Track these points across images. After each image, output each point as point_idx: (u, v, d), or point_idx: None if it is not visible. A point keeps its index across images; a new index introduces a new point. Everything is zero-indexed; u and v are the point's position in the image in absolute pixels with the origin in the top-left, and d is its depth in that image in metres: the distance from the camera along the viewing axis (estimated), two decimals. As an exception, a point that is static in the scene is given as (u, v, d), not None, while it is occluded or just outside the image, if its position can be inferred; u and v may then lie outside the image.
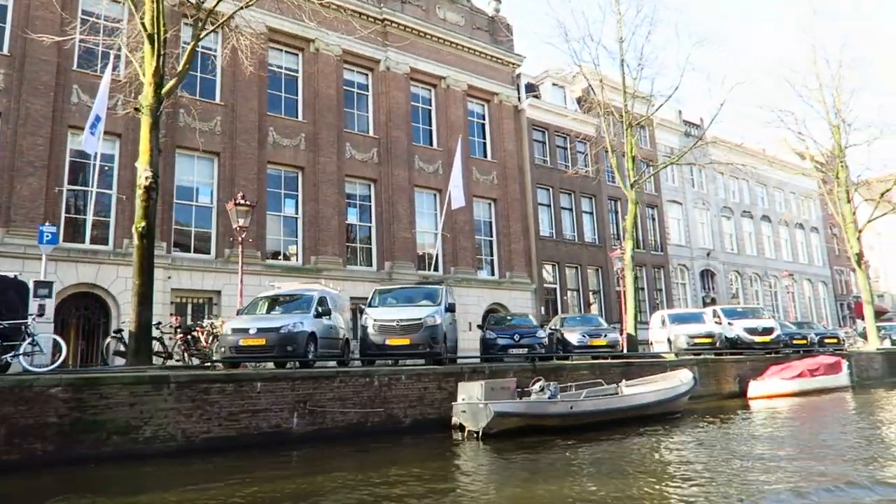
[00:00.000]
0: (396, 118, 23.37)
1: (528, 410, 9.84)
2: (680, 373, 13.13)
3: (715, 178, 36.49)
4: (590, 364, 13.85)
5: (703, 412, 13.76)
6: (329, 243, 20.92)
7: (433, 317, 11.56)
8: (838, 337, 23.13)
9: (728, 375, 17.11)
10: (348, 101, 22.98)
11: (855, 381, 21.62)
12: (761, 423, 12.42)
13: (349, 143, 22.27)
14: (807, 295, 41.42)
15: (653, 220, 32.23)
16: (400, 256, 22.34)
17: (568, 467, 7.92)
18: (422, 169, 23.85)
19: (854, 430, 11.40)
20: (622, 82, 21.43)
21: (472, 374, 11.51)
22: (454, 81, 25.44)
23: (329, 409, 9.78)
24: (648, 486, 6.74)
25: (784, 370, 17.31)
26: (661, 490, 6.57)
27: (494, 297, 24.60)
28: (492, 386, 9.83)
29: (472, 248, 24.54)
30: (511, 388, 10.28)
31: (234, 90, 20.01)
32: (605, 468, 7.82)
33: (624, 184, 20.96)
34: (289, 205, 21.04)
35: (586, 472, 7.64)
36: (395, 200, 22.72)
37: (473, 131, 26.49)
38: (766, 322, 19.27)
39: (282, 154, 20.73)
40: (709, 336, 17.73)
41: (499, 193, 26.12)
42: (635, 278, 19.30)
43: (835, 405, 15.67)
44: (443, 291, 12.83)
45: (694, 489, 6.61)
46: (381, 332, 11.44)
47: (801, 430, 11.57)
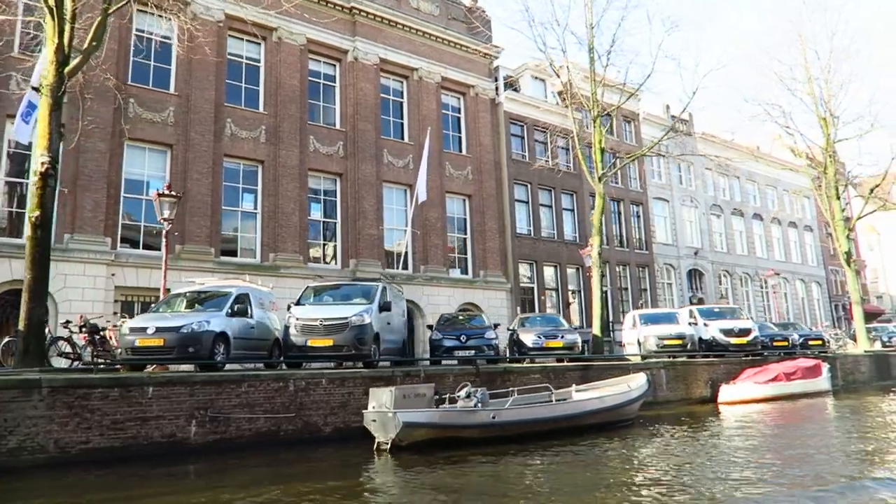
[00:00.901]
0: (364, 110, 22.52)
1: (441, 420, 8.94)
2: (634, 377, 12.22)
3: (704, 175, 35.56)
4: (542, 368, 12.97)
5: (663, 419, 12.86)
6: (289, 240, 20.08)
7: (361, 315, 10.69)
8: (823, 339, 22.15)
9: (699, 379, 16.18)
10: (313, 93, 22.15)
11: (839, 385, 20.67)
12: (720, 431, 11.51)
13: (313, 136, 21.43)
14: (800, 295, 40.39)
15: (637, 218, 31.30)
16: (366, 254, 21.49)
17: (479, 487, 7.05)
18: (391, 163, 22.99)
19: (818, 439, 10.49)
20: (590, 69, 20.48)
21: (405, 379, 10.65)
22: (427, 73, 24.58)
23: (234, 416, 8.93)
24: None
25: (759, 374, 16.37)
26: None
27: (467, 297, 23.73)
28: (404, 392, 8.93)
29: (443, 246, 23.68)
30: (428, 395, 9.38)
31: (189, 80, 19.19)
32: (516, 489, 6.93)
33: (591, 176, 20.04)
34: (247, 200, 20.20)
35: (495, 494, 6.76)
36: (362, 196, 21.87)
37: (448, 125, 25.62)
38: (742, 323, 18.32)
39: (240, 147, 19.90)
40: (679, 337, 16.79)
41: (473, 189, 25.24)
42: (602, 276, 18.36)
43: (809, 411, 14.74)
44: (378, 289, 11.92)
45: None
46: (304, 332, 10.57)
47: (762, 439, 10.65)
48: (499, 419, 9.21)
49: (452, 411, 9.22)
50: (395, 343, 12.86)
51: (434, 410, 9.02)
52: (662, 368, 15.29)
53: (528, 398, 10.66)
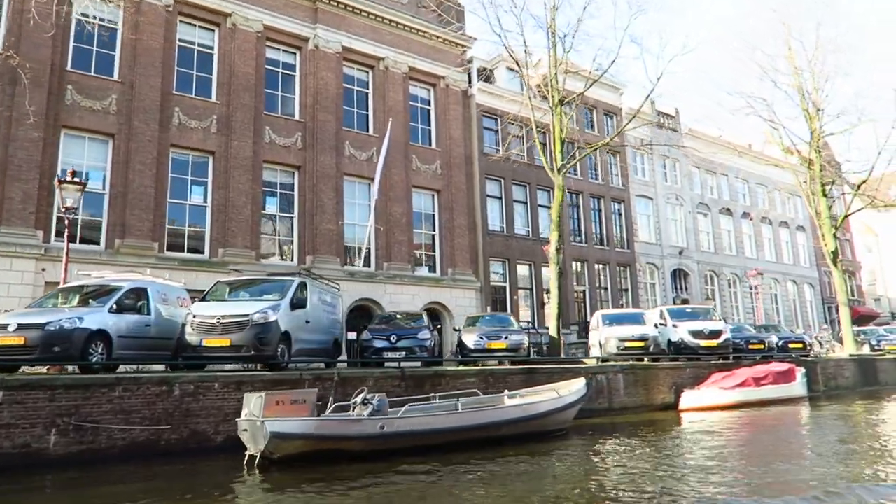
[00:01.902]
0: (325, 100, 21.57)
1: (318, 431, 7.95)
2: (573, 383, 11.23)
3: (690, 173, 34.52)
4: (479, 371, 11.99)
5: (610, 428, 11.88)
6: (240, 235, 19.14)
7: (264, 313, 9.72)
8: (804, 342, 21.07)
9: (661, 384, 15.16)
10: (271, 82, 21.22)
11: (820, 390, 19.64)
12: (667, 441, 10.50)
13: (269, 127, 20.50)
14: (791, 297, 39.27)
15: (619, 216, 30.27)
16: (323, 250, 20.54)
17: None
18: (353, 156, 22.03)
19: (775, 451, 9.48)
20: (549, 54, 19.44)
21: (314, 382, 9.70)
22: (394, 63, 23.62)
23: (105, 424, 8.00)
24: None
25: (726, 378, 15.34)
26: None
27: (433, 296, 22.75)
28: (277, 398, 7.95)
29: (408, 243, 22.70)
30: (309, 402, 8.40)
31: (134, 66, 18.27)
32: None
33: (550, 168, 19.04)
34: (196, 192, 19.27)
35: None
36: (320, 189, 20.92)
37: (417, 117, 24.65)
38: (713, 324, 17.27)
39: (189, 137, 18.96)
40: (641, 339, 15.75)
41: (443, 184, 24.26)
42: (561, 273, 17.34)
43: (776, 419, 13.71)
44: (292, 285, 10.93)
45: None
46: (199, 330, 9.60)
47: (708, 450, 9.64)
48: (389, 429, 8.21)
49: (331, 420, 8.24)
50: (321, 343, 11.90)
51: (309, 419, 8.03)
52: (620, 372, 14.27)
53: (442, 406, 9.64)
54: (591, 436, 10.67)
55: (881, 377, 22.79)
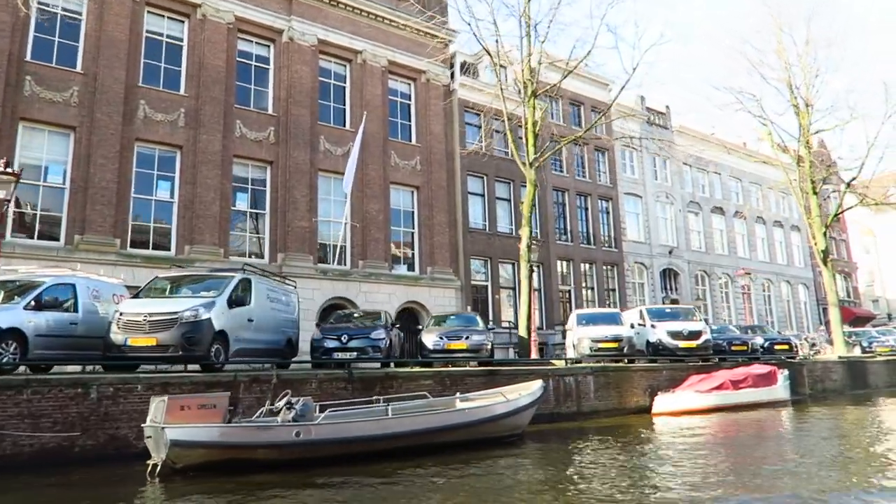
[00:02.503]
0: (299, 94, 21.02)
1: (222, 439, 7.33)
2: (528, 385, 10.65)
3: (681, 171, 33.91)
4: (435, 373, 11.40)
5: (574, 433, 11.29)
6: (207, 231, 18.60)
7: (196, 311, 9.17)
8: (790, 343, 20.43)
9: (635, 387, 14.56)
10: (244, 75, 20.68)
11: (806, 393, 19.04)
12: (629, 447, 9.88)
13: (240, 121, 19.95)
14: (785, 298, 38.62)
15: (606, 214, 29.67)
16: (295, 248, 19.99)
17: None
18: (328, 151, 21.48)
19: (743, 458, 8.88)
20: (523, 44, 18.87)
21: (251, 385, 9.15)
22: (372, 56, 23.06)
23: (9, 429, 7.44)
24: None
25: (703, 381, 14.74)
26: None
27: (410, 295, 22.18)
28: (183, 403, 7.38)
29: (385, 241, 22.14)
30: (219, 406, 7.81)
31: (98, 58, 17.73)
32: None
33: (522, 162, 18.46)
34: (163, 188, 18.72)
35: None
36: (293, 185, 20.37)
37: (396, 112, 24.09)
38: (692, 325, 16.67)
39: (155, 130, 18.42)
40: (615, 340, 15.15)
41: (422, 180, 23.69)
42: (531, 271, 16.74)
43: (751, 425, 13.09)
44: (231, 281, 10.35)
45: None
46: (125, 329, 9.04)
47: (664, 460, 9.04)
48: (306, 437, 7.62)
49: (238, 427, 7.65)
50: (270, 343, 11.33)
51: (213, 426, 7.43)
52: (590, 374, 13.68)
53: (370, 411, 8.99)
54: (548, 441, 10.09)
55: (871, 380, 22.17)
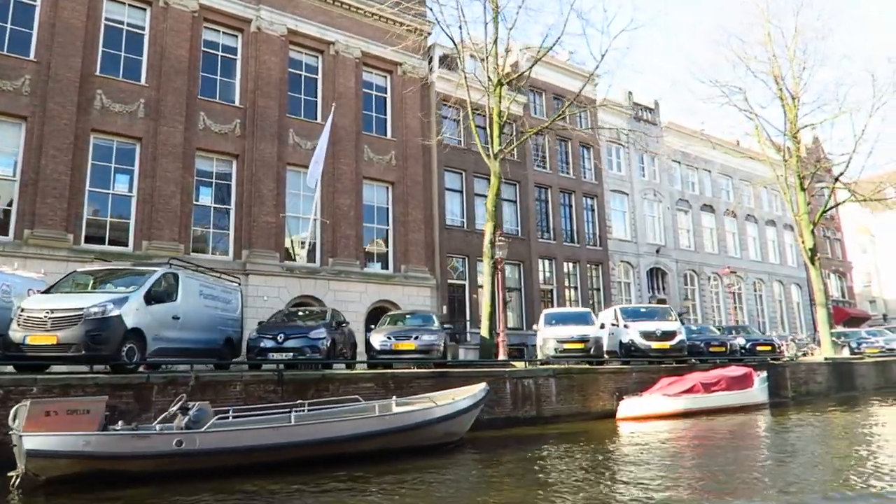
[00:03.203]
0: (267, 86, 20.37)
1: (89, 448, 6.60)
2: (470, 388, 9.97)
3: (670, 168, 33.19)
4: (377, 375, 10.72)
5: (522, 440, 10.59)
6: (167, 226, 17.94)
7: (103, 307, 8.50)
8: (773, 344, 19.72)
9: (602, 390, 13.87)
10: (209, 66, 20.03)
11: (788, 396, 18.35)
12: (572, 457, 9.17)
13: (204, 113, 19.29)
14: (777, 298, 37.88)
15: (591, 212, 28.96)
16: (261, 244, 19.33)
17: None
18: (297, 144, 20.82)
19: (694, 469, 8.20)
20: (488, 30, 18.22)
21: (165, 387, 8.49)
22: (345, 48, 22.39)
23: None
24: None
25: (673, 384, 14.04)
26: None
27: (383, 294, 21.51)
28: (49, 408, 6.68)
29: (356, 237, 21.45)
30: (94, 412, 7.09)
31: (52, 45, 17.08)
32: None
33: (487, 154, 17.78)
34: (121, 181, 18.07)
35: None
36: (259, 179, 19.71)
37: (371, 105, 23.41)
38: (666, 325, 15.96)
39: (112, 121, 17.77)
40: (581, 340, 14.46)
41: (397, 176, 23.01)
42: (495, 267, 16.04)
43: (721, 430, 12.39)
44: (152, 276, 9.66)
45: None
46: (25, 326, 8.38)
47: (612, 471, 8.36)
48: (189, 447, 6.93)
49: (107, 436, 6.95)
50: (202, 343, 10.67)
51: (79, 435, 6.73)
52: (552, 377, 12.99)
53: (270, 418, 8.24)
54: (490, 449, 9.39)
55: (858, 382, 21.45)
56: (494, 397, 11.89)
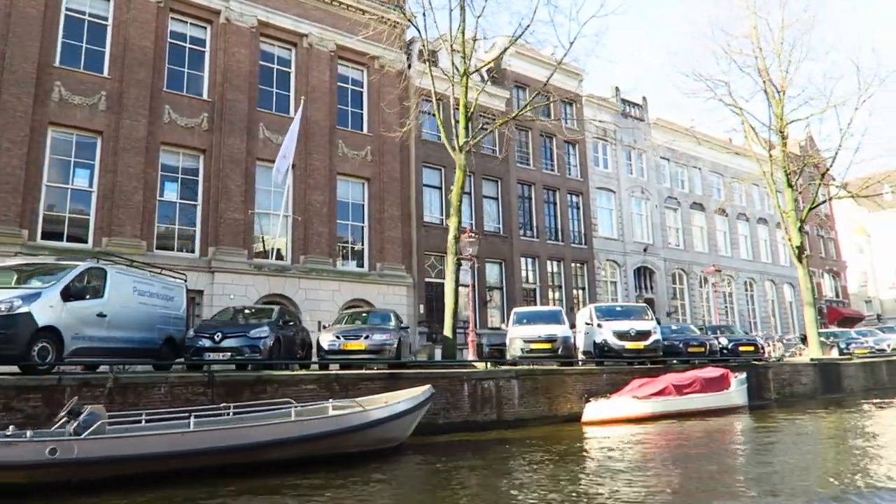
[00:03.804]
0: (236, 79, 19.81)
1: None
2: (412, 391, 9.37)
3: (658, 165, 32.60)
4: (322, 376, 10.13)
5: (469, 446, 9.99)
6: (128, 223, 17.37)
7: (9, 303, 7.78)
8: (756, 344, 19.12)
9: (570, 392, 13.27)
10: (176, 57, 19.46)
11: (772, 398, 17.77)
12: (520, 467, 8.57)
13: (169, 106, 18.73)
14: (769, 297, 37.29)
15: (576, 209, 28.38)
16: (228, 241, 18.76)
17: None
18: (268, 139, 20.25)
19: (650, 480, 7.61)
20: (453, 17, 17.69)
21: (80, 389, 7.92)
22: (319, 40, 21.82)
23: None
24: None
25: (644, 386, 13.45)
26: None
27: (357, 293, 20.93)
28: None
29: (329, 234, 20.88)
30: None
31: (7, 36, 16.52)
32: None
33: (451, 145, 17.21)
34: (81, 176, 17.52)
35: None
36: (227, 175, 19.16)
37: (347, 99, 22.85)
38: (640, 324, 15.36)
39: (72, 114, 17.20)
40: (549, 340, 13.88)
41: (373, 172, 22.45)
42: (458, 264, 15.43)
43: (692, 435, 11.80)
44: (72, 271, 9.02)
45: None
46: None
47: (559, 483, 7.77)
48: (66, 456, 6.31)
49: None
50: (135, 343, 10.08)
51: None
52: (514, 378, 12.39)
53: (168, 424, 7.61)
54: (434, 455, 8.79)
55: (846, 383, 20.85)
56: (451, 400, 11.32)
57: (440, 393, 11.01)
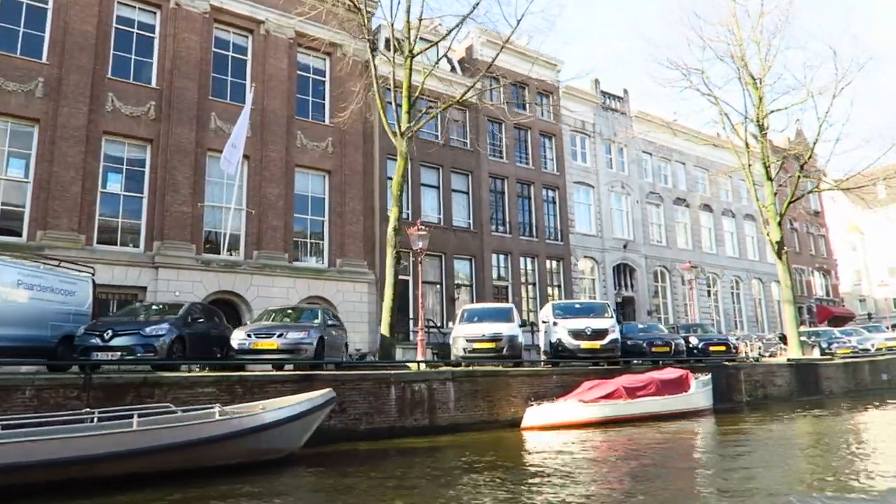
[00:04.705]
0: (185, 66, 18.97)
1: None
2: (307, 395, 8.52)
3: (640, 160, 31.70)
4: (219, 378, 9.28)
5: (382, 456, 9.14)
6: (64, 215, 16.55)
7: None
8: (728, 343, 18.24)
9: (514, 396, 12.43)
10: (123, 43, 18.64)
11: (743, 400, 16.93)
12: (393, 482, 7.69)
13: (113, 94, 17.89)
14: (756, 296, 36.40)
15: (552, 204, 27.50)
16: (174, 235, 17.93)
17: None
18: (221, 129, 19.40)
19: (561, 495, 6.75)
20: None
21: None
22: (277, 27, 20.98)
23: None
24: None
25: (593, 388, 12.59)
26: None
27: (314, 290, 20.10)
28: None
29: (285, 229, 20.05)
30: None
31: (-65, 18, 15.71)
32: None
33: (393, 131, 16.40)
34: (16, 166, 16.69)
35: None
36: (174, 166, 18.32)
37: (308, 89, 22.00)
38: (596, 322, 14.49)
39: (6, 101, 16.39)
40: (493, 340, 13.03)
41: (334, 164, 21.62)
42: (398, 258, 14.57)
43: (638, 442, 10.92)
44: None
45: None
46: None
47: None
48: None
49: None
50: (21, 340, 9.26)
51: None
52: (450, 380, 11.55)
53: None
54: (334, 467, 7.93)
55: (824, 385, 19.98)
56: (375, 404, 10.48)
57: (363, 396, 10.18)
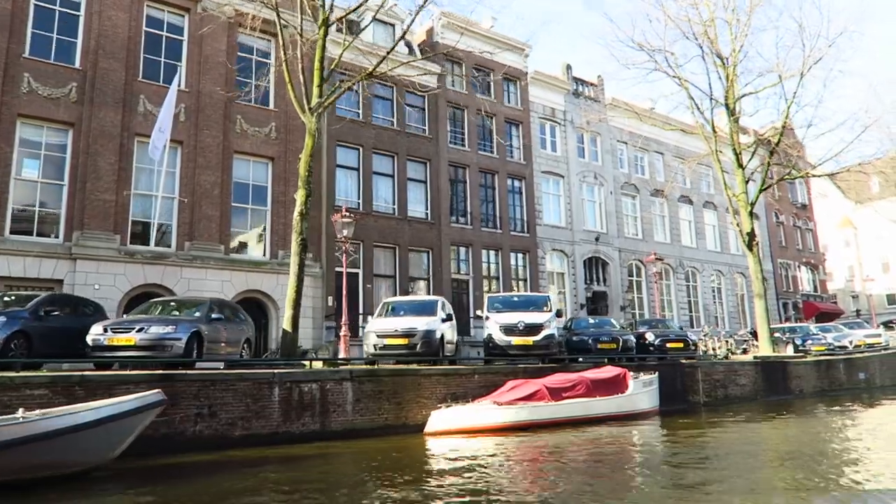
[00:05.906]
0: (111, 45, 17.87)
1: None
2: (128, 397, 7.44)
3: (614, 150, 30.51)
4: (55, 378, 8.15)
5: (230, 467, 8.04)
6: (-30, 204, 15.47)
7: None
8: (686, 340, 17.08)
9: (427, 397, 11.32)
10: (43, 22, 17.52)
11: (700, 401, 15.81)
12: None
13: (30, 75, 16.79)
14: (738, 291, 35.20)
15: (518, 195, 26.35)
16: (95, 225, 16.85)
17: None
18: (150, 113, 18.28)
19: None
20: None
21: None
22: (215, 5, 19.80)
23: None
24: None
25: (513, 390, 11.47)
26: None
27: (252, 283, 19.04)
28: None
29: (221, 218, 18.97)
30: None
31: None
32: None
33: (301, 107, 15.32)
34: (-81, 151, 15.61)
35: None
36: (98, 151, 17.23)
37: (251, 72, 20.81)
38: (532, 316, 13.36)
39: None
40: (406, 335, 11.91)
41: (277, 151, 20.51)
42: (304, 245, 13.42)
43: (553, 450, 9.79)
44: None
45: None
46: None
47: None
48: None
49: None
50: None
51: None
52: (348, 380, 10.45)
53: None
54: (150, 485, 6.81)
55: (794, 384, 18.84)
56: (253, 407, 9.38)
57: (239, 399, 9.08)
